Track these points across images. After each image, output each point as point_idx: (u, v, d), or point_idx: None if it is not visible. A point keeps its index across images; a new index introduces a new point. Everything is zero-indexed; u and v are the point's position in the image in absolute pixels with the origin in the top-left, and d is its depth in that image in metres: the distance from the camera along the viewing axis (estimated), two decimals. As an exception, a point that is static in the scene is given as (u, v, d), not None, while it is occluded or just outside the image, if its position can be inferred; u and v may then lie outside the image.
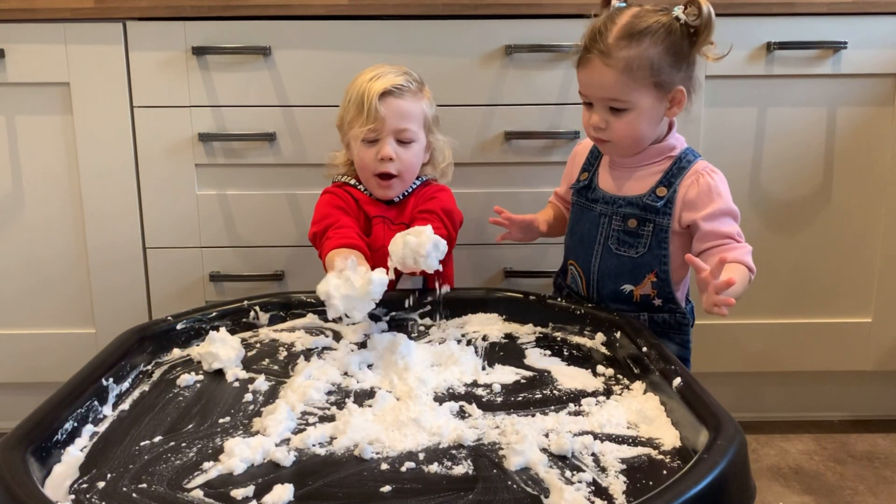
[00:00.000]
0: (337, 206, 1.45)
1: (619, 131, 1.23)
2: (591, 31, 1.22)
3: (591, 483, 0.82)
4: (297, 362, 1.15)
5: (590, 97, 1.24)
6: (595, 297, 1.32)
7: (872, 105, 1.67)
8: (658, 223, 1.25)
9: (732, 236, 1.23)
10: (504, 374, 1.11)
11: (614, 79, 1.19)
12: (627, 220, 1.26)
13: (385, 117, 1.40)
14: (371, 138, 1.42)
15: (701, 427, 0.86)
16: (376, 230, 1.45)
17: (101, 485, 0.83)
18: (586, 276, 1.32)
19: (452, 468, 0.85)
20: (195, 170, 1.66)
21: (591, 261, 1.31)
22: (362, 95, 1.41)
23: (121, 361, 1.08)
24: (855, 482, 1.61)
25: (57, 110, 1.63)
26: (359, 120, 1.41)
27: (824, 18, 1.61)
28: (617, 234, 1.27)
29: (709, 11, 1.19)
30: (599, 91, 1.22)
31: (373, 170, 1.43)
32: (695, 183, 1.24)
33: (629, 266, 1.27)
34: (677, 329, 1.30)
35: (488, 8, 1.59)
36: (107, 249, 1.68)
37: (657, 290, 1.27)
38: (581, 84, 1.25)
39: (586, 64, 1.22)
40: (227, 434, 0.94)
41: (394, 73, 1.43)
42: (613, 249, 1.28)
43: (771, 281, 1.74)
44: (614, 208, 1.28)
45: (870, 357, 1.78)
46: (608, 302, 1.30)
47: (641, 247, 1.26)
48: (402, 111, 1.42)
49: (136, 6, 1.58)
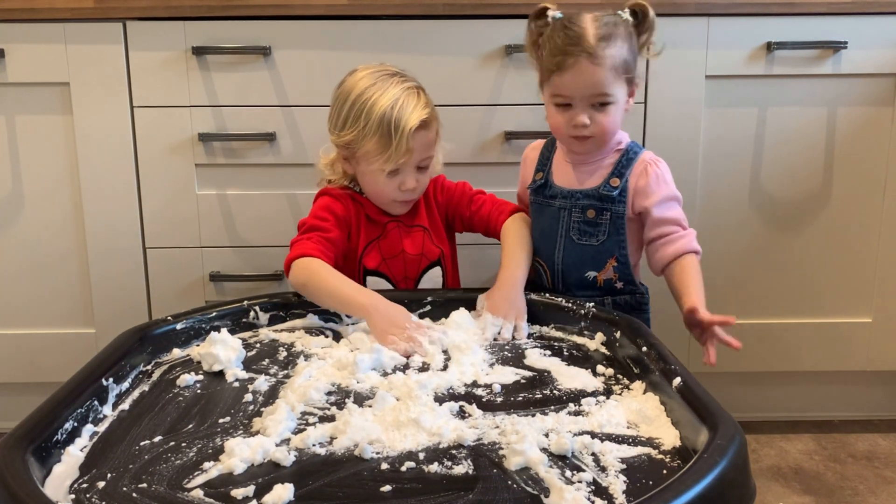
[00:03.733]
0: (337, 215, 1.41)
1: (602, 125, 1.31)
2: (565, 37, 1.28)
3: (591, 483, 0.82)
4: (297, 362, 1.15)
5: (574, 97, 1.31)
6: (560, 287, 1.40)
7: (872, 105, 1.67)
8: (615, 211, 1.35)
9: (679, 222, 1.36)
10: (504, 374, 1.11)
11: (603, 76, 1.28)
12: (586, 211, 1.36)
13: (414, 151, 1.35)
14: (394, 170, 1.37)
15: (701, 427, 0.86)
16: (392, 235, 1.44)
17: (101, 485, 0.83)
18: (550, 268, 1.41)
19: (452, 468, 0.85)
20: (195, 170, 1.66)
21: (554, 253, 1.39)
22: (390, 128, 1.32)
23: (121, 361, 1.08)
24: (855, 482, 1.61)
25: (57, 110, 1.63)
26: (383, 154, 1.34)
27: (824, 18, 1.61)
28: (578, 225, 1.37)
29: (653, 15, 1.33)
30: (588, 89, 1.29)
31: (392, 197, 1.40)
32: (644, 172, 1.35)
33: (591, 254, 1.37)
34: (638, 308, 1.40)
35: (488, 8, 1.59)
36: (107, 249, 1.68)
37: (619, 274, 1.38)
38: (564, 86, 1.31)
39: (573, 66, 1.28)
40: (227, 434, 0.94)
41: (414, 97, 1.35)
42: (576, 240, 1.37)
43: (771, 281, 1.75)
44: (573, 202, 1.37)
45: (870, 357, 1.78)
46: (574, 290, 1.39)
47: (601, 234, 1.36)
48: (429, 142, 1.38)
49: (136, 6, 1.58)
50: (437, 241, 1.48)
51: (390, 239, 1.44)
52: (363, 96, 1.35)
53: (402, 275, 1.45)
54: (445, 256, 1.49)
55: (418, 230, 1.46)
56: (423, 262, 1.46)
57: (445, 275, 1.49)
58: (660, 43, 1.37)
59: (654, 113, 1.65)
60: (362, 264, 1.44)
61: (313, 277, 1.32)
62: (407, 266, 1.45)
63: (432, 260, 1.47)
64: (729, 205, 1.71)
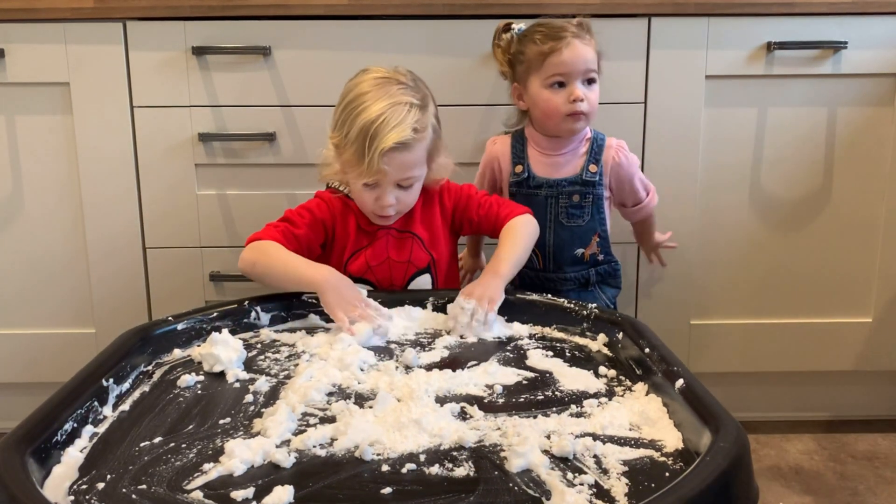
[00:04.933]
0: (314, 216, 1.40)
1: (593, 101, 1.48)
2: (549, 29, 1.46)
3: (593, 485, 0.81)
4: (297, 363, 1.15)
5: (570, 75, 1.46)
6: (552, 266, 1.56)
7: (872, 105, 1.67)
8: (595, 194, 1.53)
9: (647, 187, 1.59)
10: (505, 376, 1.11)
11: (593, 52, 1.47)
12: (572, 197, 1.52)
13: (388, 172, 1.31)
14: (371, 184, 1.35)
15: (703, 429, 0.86)
16: (379, 244, 1.43)
17: (100, 486, 0.82)
18: (542, 250, 1.55)
19: (454, 470, 0.85)
20: (195, 170, 1.66)
21: (545, 236, 1.53)
22: (363, 143, 1.29)
23: (121, 362, 1.08)
24: (855, 482, 1.61)
25: (57, 110, 1.63)
26: (358, 166, 1.32)
27: (824, 18, 1.61)
28: (565, 209, 1.53)
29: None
30: (583, 64, 1.46)
31: (371, 209, 1.38)
32: (615, 156, 1.53)
33: (579, 233, 1.54)
34: (614, 275, 1.60)
35: (488, 8, 1.59)
36: (107, 249, 1.68)
37: (601, 248, 1.56)
38: (563, 64, 1.45)
39: (567, 46, 1.45)
40: (227, 435, 0.94)
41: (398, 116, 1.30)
42: (564, 223, 1.53)
43: (771, 281, 1.75)
44: (558, 189, 1.52)
45: (870, 357, 1.78)
46: (565, 267, 1.55)
47: (586, 215, 1.53)
48: (407, 165, 1.33)
49: (136, 6, 1.58)
50: (431, 247, 1.45)
51: (377, 247, 1.42)
52: (354, 102, 1.32)
53: (388, 282, 1.43)
54: (437, 263, 1.45)
55: (408, 237, 1.44)
56: (411, 269, 1.44)
57: (435, 282, 1.46)
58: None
59: (654, 113, 1.65)
60: (347, 271, 1.41)
61: (262, 256, 1.32)
62: (393, 272, 1.43)
63: (420, 267, 1.44)
64: (729, 205, 1.71)
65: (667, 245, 1.67)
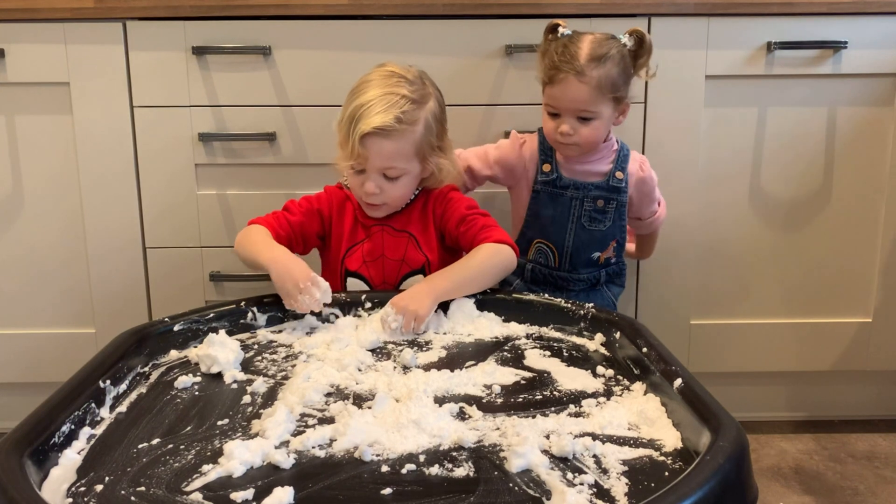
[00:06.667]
0: (312, 205, 1.45)
1: (585, 137, 1.45)
2: (561, 54, 1.42)
3: (593, 485, 0.82)
4: (295, 364, 1.15)
5: (560, 109, 1.45)
6: (567, 266, 1.56)
7: (872, 105, 1.67)
8: (619, 200, 1.53)
9: (660, 201, 1.62)
10: (504, 376, 1.11)
11: (587, 94, 1.41)
12: (596, 201, 1.52)
13: (368, 157, 1.34)
14: (357, 168, 1.38)
15: (702, 428, 0.86)
16: (375, 238, 1.44)
17: (98, 488, 0.82)
18: (559, 249, 1.56)
19: (453, 470, 0.85)
20: (195, 170, 1.65)
21: (564, 237, 1.54)
22: (349, 125, 1.33)
23: (118, 363, 1.08)
24: (855, 482, 1.61)
25: (57, 110, 1.63)
26: (344, 148, 1.36)
27: (824, 18, 1.61)
28: (588, 213, 1.53)
29: (650, 40, 1.45)
30: (573, 104, 1.43)
31: (358, 195, 1.42)
32: (639, 168, 1.55)
33: (598, 237, 1.55)
34: (620, 274, 1.62)
35: (488, 8, 1.59)
36: (107, 249, 1.68)
37: (616, 253, 1.58)
38: (553, 98, 1.45)
39: (561, 81, 1.42)
40: (225, 436, 0.94)
41: (386, 103, 1.32)
42: (586, 226, 1.54)
43: (771, 281, 1.74)
44: (584, 192, 1.52)
45: (870, 357, 1.77)
46: (579, 267, 1.56)
47: (608, 220, 1.54)
48: (387, 153, 1.34)
49: (136, 6, 1.57)
50: (426, 249, 1.45)
51: (373, 242, 1.44)
52: (356, 88, 1.38)
53: (380, 279, 1.43)
54: (432, 265, 1.44)
55: (404, 236, 1.44)
56: (404, 268, 1.44)
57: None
58: (654, 66, 1.49)
59: (654, 113, 1.65)
60: (344, 265, 1.44)
61: (243, 239, 1.38)
62: (386, 270, 1.43)
63: (414, 268, 1.44)
64: (729, 205, 1.71)
65: None
